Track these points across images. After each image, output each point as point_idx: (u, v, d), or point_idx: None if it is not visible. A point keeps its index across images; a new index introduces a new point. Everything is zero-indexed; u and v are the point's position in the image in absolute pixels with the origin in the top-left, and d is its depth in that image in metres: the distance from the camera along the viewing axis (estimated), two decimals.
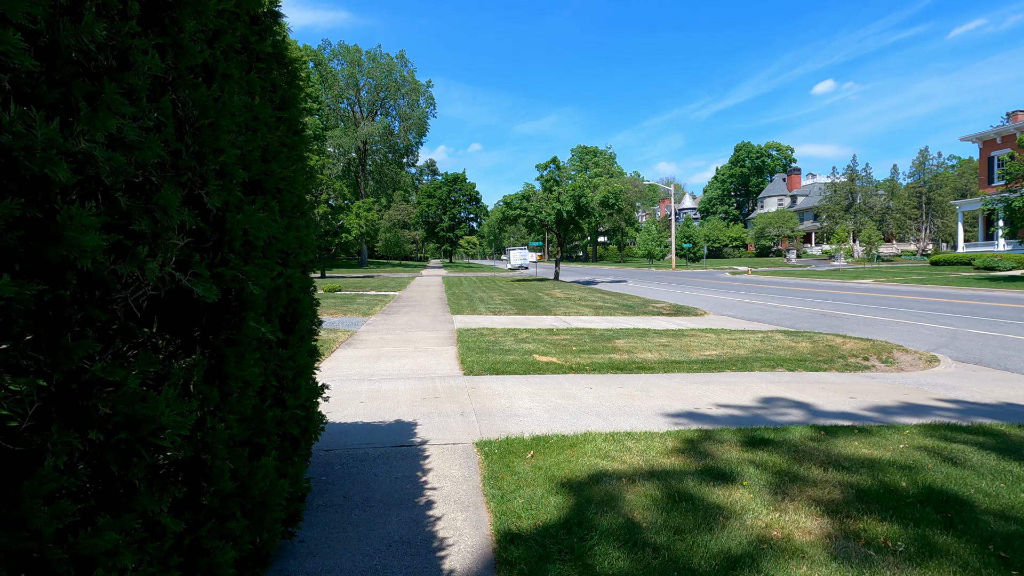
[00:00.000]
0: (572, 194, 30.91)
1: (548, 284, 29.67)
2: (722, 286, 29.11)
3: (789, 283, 30.74)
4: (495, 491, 3.44)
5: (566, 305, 17.35)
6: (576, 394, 6.18)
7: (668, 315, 15.45)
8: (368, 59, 62.38)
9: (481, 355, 8.44)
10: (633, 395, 6.20)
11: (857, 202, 66.70)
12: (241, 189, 2.06)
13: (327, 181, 40.13)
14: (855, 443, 4.36)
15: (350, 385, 6.54)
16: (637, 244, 71.27)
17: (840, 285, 28.28)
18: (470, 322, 13.04)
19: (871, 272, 38.48)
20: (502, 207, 32.56)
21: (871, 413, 5.62)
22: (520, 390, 6.34)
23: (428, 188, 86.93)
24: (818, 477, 3.61)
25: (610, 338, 10.34)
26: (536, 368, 7.59)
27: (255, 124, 2.34)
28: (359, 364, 7.93)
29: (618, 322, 13.46)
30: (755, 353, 8.92)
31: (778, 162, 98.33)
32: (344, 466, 3.97)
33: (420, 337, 10.61)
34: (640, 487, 3.47)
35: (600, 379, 7.04)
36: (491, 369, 7.47)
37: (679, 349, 9.20)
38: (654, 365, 7.95)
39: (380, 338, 10.46)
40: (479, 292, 23.15)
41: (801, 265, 57.35)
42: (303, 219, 3.13)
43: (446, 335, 10.91)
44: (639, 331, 11.43)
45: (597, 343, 9.74)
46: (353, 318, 13.82)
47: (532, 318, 14.18)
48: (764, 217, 78.40)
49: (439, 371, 7.48)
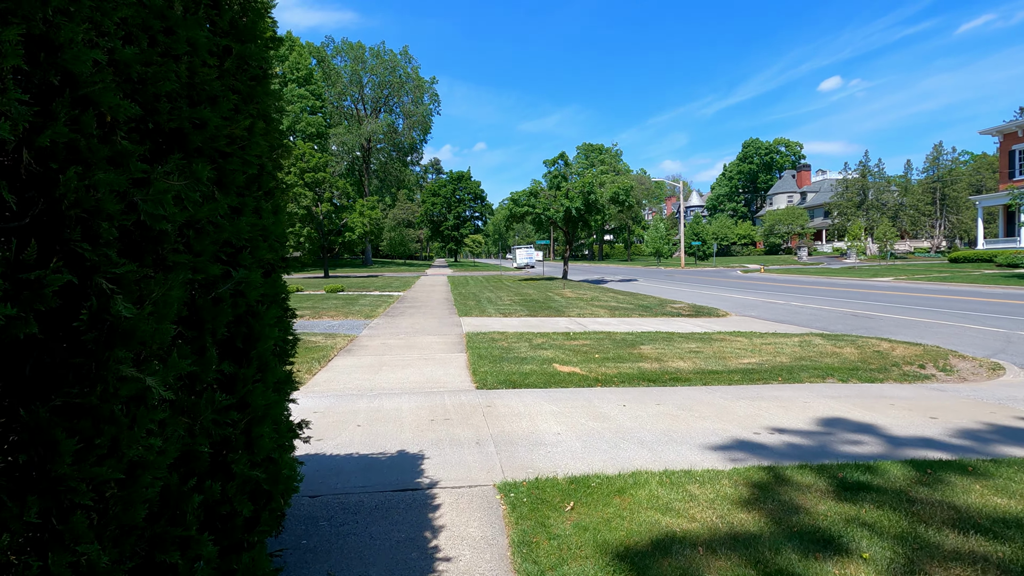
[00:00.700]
0: (581, 190, 29.97)
1: (557, 283, 28.77)
2: (736, 285, 28.13)
3: (805, 281, 29.71)
4: (531, 566, 2.57)
5: (579, 306, 16.44)
6: (609, 414, 5.30)
7: (689, 316, 14.53)
8: (372, 56, 61.49)
9: (494, 364, 7.56)
10: (675, 415, 5.31)
11: (869, 198, 65.40)
12: (123, 133, 1.19)
13: (330, 179, 39.29)
14: (977, 488, 3.46)
15: (347, 403, 5.69)
16: (645, 242, 70.15)
17: (860, 283, 27.24)
18: (479, 325, 12.17)
19: (888, 270, 37.36)
20: (509, 204, 31.65)
21: (963, 441, 4.71)
22: (543, 408, 5.46)
23: (433, 186, 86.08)
24: (959, 546, 2.72)
25: (634, 343, 9.44)
26: (558, 380, 6.71)
27: (171, 41, 1.47)
28: (359, 375, 7.08)
29: (637, 324, 12.56)
30: (798, 360, 8.01)
31: (787, 159, 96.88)
32: (332, 522, 3.10)
33: (426, 343, 9.75)
34: (726, 560, 2.59)
35: (632, 393, 6.15)
36: (507, 381, 6.60)
37: (713, 356, 8.30)
38: (689, 376, 7.05)
39: (383, 343, 9.60)
40: (487, 292, 22.28)
41: (813, 263, 56.17)
42: (268, 201, 2.25)
43: (454, 340, 10.04)
44: (663, 335, 10.53)
45: (621, 349, 8.84)
46: (355, 321, 12.97)
47: (545, 320, 13.29)
48: (774, 214, 77.14)
49: (448, 383, 6.62)
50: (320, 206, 39.48)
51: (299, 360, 7.75)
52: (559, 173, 32.39)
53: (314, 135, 48.74)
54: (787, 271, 42.22)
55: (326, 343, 9.26)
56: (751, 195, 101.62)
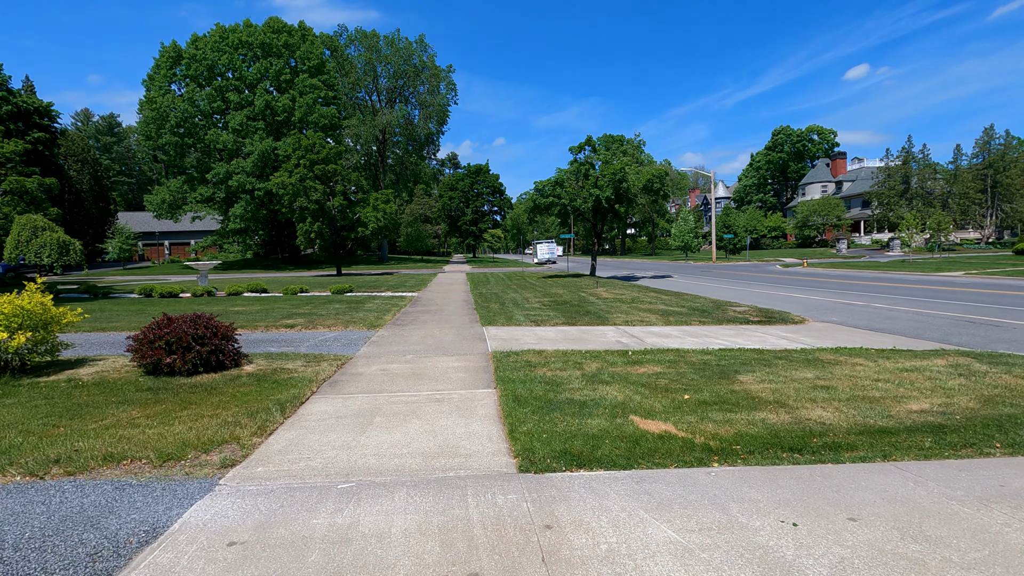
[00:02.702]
0: (612, 178, 27.26)
1: (587, 281, 26.16)
2: (785, 281, 25.21)
3: (862, 277, 26.61)
4: None
5: (622, 310, 13.87)
6: (782, 555, 2.78)
7: (760, 323, 11.88)
8: (386, 44, 59.19)
9: (541, 415, 5.08)
10: (911, 559, 2.77)
11: (913, 186, 61.23)
12: None
13: (343, 171, 37.10)
14: None
15: (298, 512, 3.26)
16: (672, 235, 66.83)
17: (929, 279, 24.11)
18: (508, 337, 9.72)
19: (949, 263, 33.92)
20: (532, 195, 29.08)
21: None
22: (650, 537, 2.96)
23: (450, 180, 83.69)
24: None
25: (725, 371, 6.87)
26: (648, 450, 4.21)
27: None
28: (335, 436, 4.66)
29: (705, 335, 9.98)
30: (994, 405, 5.36)
31: (819, 147, 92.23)
32: None
33: (440, 368, 7.31)
34: None
35: (786, 485, 3.61)
36: (566, 454, 4.11)
37: (853, 396, 5.70)
38: (849, 438, 4.48)
39: (382, 370, 7.18)
40: (510, 292, 19.79)
41: (853, 256, 52.52)
42: None
43: (478, 362, 7.59)
44: (754, 354, 7.94)
45: (714, 382, 6.28)
46: (354, 332, 10.61)
47: (587, 330, 10.77)
48: (807, 205, 73.07)
49: (472, 456, 4.17)
50: (332, 200, 37.36)
51: (254, 403, 5.36)
52: (587, 160, 29.69)
53: (327, 127, 46.63)
54: (831, 265, 38.94)
55: (304, 372, 6.87)
56: (780, 185, 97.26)
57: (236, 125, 44.39)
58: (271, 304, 15.75)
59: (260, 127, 45.01)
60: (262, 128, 45.09)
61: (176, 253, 69.76)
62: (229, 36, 46.42)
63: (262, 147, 43.27)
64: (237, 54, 46.16)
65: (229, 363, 6.92)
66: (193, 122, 45.46)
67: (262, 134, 44.82)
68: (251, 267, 48.65)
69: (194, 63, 45.32)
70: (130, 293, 20.17)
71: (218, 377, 6.60)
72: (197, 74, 45.73)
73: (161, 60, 46.24)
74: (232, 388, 6.12)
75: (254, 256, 57.07)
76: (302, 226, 35.91)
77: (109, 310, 14.69)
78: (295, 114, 45.29)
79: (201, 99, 45.25)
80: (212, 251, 63.09)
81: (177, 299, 17.94)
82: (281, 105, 45.09)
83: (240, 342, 7.63)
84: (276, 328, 11.10)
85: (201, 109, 45.46)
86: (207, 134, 45.21)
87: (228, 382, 6.40)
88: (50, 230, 28.93)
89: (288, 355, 7.98)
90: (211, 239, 54.19)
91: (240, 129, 44.76)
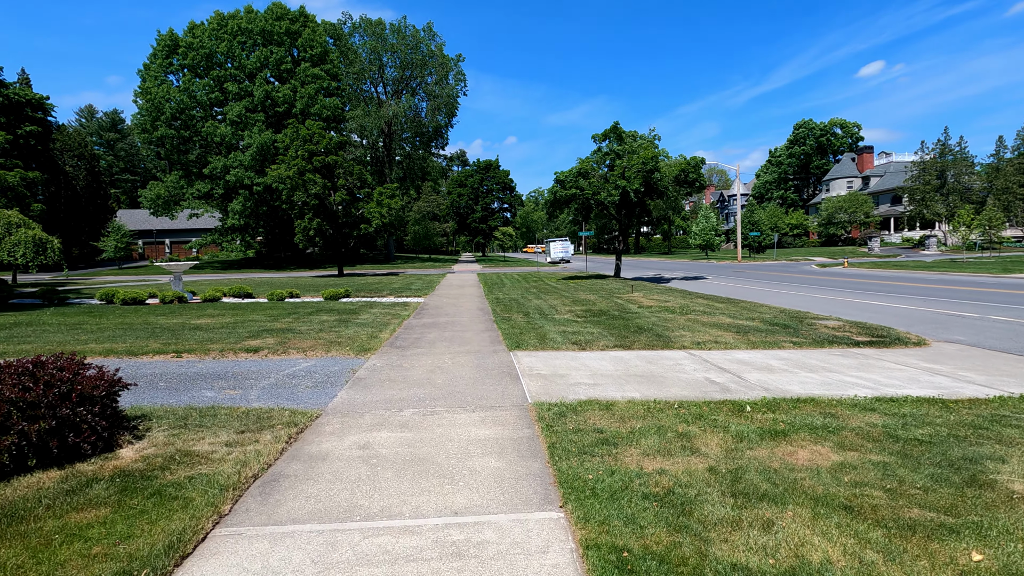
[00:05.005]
0: (641, 168, 24.37)
1: (615, 284, 23.30)
2: (836, 284, 22.17)
3: (924, 279, 23.50)
4: None
5: (680, 323, 11.02)
6: None
7: (871, 345, 9.03)
8: (392, 33, 56.44)
9: None
10: None
11: (950, 181, 57.67)
12: None
13: (345, 164, 34.41)
14: None
15: None
16: (692, 233, 63.54)
17: (1000, 283, 21.02)
18: (549, 373, 6.93)
19: (1011, 262, 30.69)
20: (553, 187, 26.22)
21: None
22: None
23: (459, 177, 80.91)
24: None
25: (947, 455, 4.02)
26: None
27: None
28: None
29: (816, 366, 7.14)
30: None
31: (844, 141, 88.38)
32: None
33: (457, 444, 4.52)
34: None
35: None
36: None
37: None
38: None
39: (361, 448, 4.41)
40: (532, 298, 16.94)
41: (887, 254, 49.21)
42: None
43: (516, 432, 4.80)
44: (936, 408, 5.08)
45: (957, 489, 3.44)
46: (337, 359, 7.86)
47: (651, 357, 7.96)
48: (833, 201, 69.56)
49: None
50: (334, 195, 34.72)
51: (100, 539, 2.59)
52: (612, 150, 26.78)
53: (330, 119, 43.99)
54: (872, 265, 35.77)
55: (225, 461, 4.06)
56: (802, 181, 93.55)
57: (234, 116, 41.87)
58: (245, 314, 13.02)
59: (259, 119, 42.46)
60: (261, 120, 42.54)
61: (177, 252, 67.60)
62: (228, 23, 43.92)
63: (261, 139, 40.70)
64: (236, 42, 43.65)
65: (90, 446, 4.05)
66: (190, 114, 43.02)
67: (261, 126, 42.28)
68: (251, 267, 46.20)
69: (191, 52, 42.86)
70: (91, 299, 17.57)
71: (53, 483, 3.65)
72: (195, 63, 43.26)
73: (157, 49, 43.83)
74: (51, 522, 3.14)
75: (256, 255, 54.61)
76: (300, 223, 33.27)
77: (41, 324, 11.64)
78: (296, 105, 42.70)
79: (198, 89, 42.79)
80: (213, 249, 60.81)
81: (141, 306, 15.31)
82: (282, 95, 42.53)
83: (157, 388, 4.90)
84: (234, 353, 8.35)
85: (198, 100, 43.00)
86: (204, 126, 42.74)
87: (60, 499, 3.42)
88: (26, 227, 26.41)
89: (218, 413, 5.19)
90: (211, 237, 51.80)
91: (238, 121, 42.24)
